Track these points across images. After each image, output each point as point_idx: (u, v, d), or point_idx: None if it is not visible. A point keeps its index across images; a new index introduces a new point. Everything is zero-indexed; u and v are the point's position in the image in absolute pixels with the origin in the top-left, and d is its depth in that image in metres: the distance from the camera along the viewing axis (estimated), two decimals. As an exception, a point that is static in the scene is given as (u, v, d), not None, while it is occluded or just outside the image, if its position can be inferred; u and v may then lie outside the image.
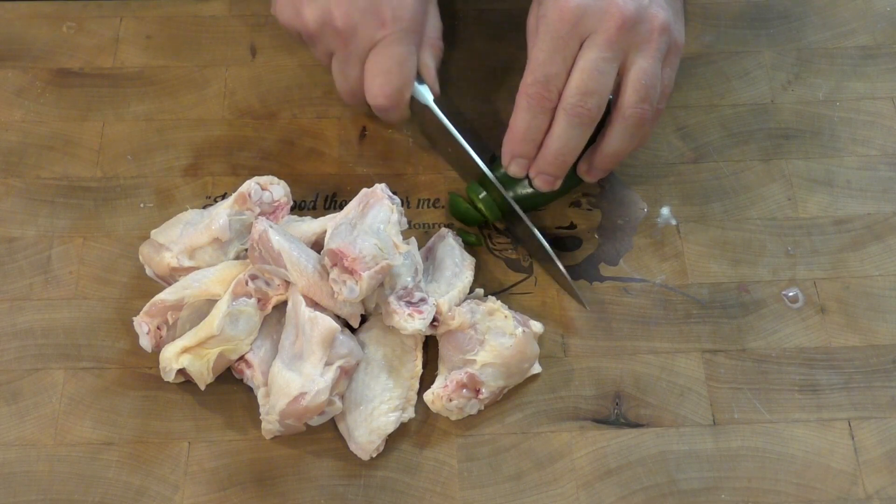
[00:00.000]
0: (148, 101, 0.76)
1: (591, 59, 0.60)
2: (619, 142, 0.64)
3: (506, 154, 0.65)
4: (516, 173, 0.66)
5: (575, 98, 0.61)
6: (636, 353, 0.66)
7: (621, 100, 0.62)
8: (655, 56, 0.61)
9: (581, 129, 0.62)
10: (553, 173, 0.65)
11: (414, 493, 0.61)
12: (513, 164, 0.65)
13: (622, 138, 0.63)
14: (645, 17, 0.60)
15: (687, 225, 0.71)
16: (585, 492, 0.61)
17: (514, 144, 0.64)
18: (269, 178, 0.66)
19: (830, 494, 0.61)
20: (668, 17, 0.62)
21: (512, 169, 0.66)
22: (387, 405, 0.61)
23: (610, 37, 0.60)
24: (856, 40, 0.80)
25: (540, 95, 0.62)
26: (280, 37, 0.79)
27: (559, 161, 0.64)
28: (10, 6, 0.80)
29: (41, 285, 0.68)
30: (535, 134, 0.63)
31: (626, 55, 0.61)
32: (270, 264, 0.61)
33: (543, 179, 0.65)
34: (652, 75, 0.61)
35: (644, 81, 0.61)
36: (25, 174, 0.72)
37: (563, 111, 0.61)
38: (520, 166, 0.65)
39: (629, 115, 0.62)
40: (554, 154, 0.63)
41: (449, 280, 0.65)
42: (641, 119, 0.62)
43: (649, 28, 0.61)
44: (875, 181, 0.73)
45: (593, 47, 0.60)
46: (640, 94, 0.61)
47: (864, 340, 0.66)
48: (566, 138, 0.62)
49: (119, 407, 0.63)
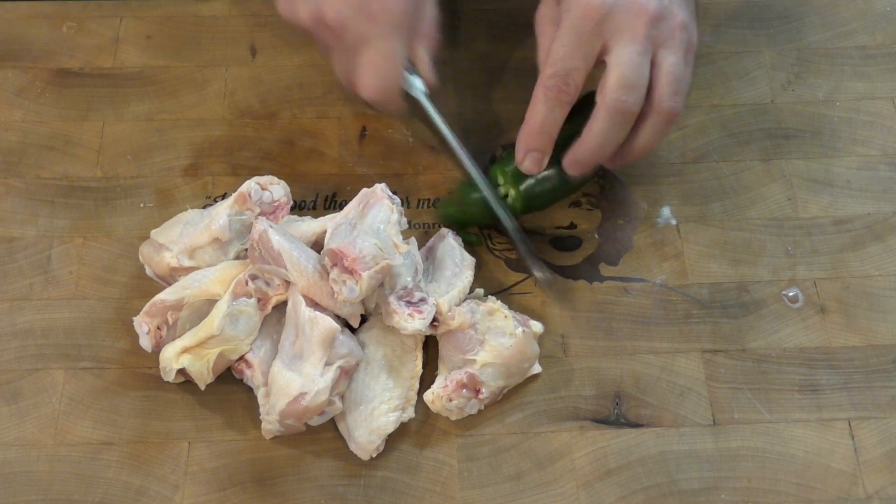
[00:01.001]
0: (148, 101, 0.76)
1: (626, 54, 0.61)
2: (654, 135, 0.64)
3: (520, 148, 0.65)
4: (530, 168, 0.65)
5: (617, 93, 0.61)
6: (636, 353, 0.66)
7: (656, 94, 0.62)
8: (680, 51, 0.62)
9: (623, 124, 0.62)
10: (589, 167, 0.65)
11: (414, 493, 0.61)
12: (527, 159, 0.65)
13: (656, 132, 0.64)
14: (667, 15, 0.62)
15: (687, 225, 0.71)
16: (585, 492, 0.61)
17: (529, 138, 0.64)
18: (269, 178, 0.66)
19: (830, 494, 0.61)
20: (686, 16, 0.63)
21: (526, 164, 0.65)
22: (387, 405, 0.61)
23: (640, 33, 0.60)
24: (856, 40, 0.80)
25: (558, 89, 0.62)
26: (280, 37, 0.79)
27: (597, 155, 0.64)
28: (10, 6, 0.80)
29: (41, 285, 0.68)
30: (552, 127, 0.63)
31: (655, 51, 0.62)
32: (270, 264, 0.61)
33: (577, 168, 0.65)
34: (681, 69, 0.62)
35: (676, 75, 0.62)
36: (25, 174, 0.72)
37: (605, 107, 0.61)
38: (534, 161, 0.65)
39: (664, 108, 0.62)
40: (593, 148, 0.63)
41: (449, 280, 0.65)
42: (675, 112, 0.63)
43: (671, 25, 0.62)
44: (875, 181, 0.73)
45: (626, 43, 0.61)
46: (674, 87, 0.62)
47: (864, 340, 0.66)
48: (607, 133, 0.62)
49: (119, 407, 0.63)
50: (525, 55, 0.78)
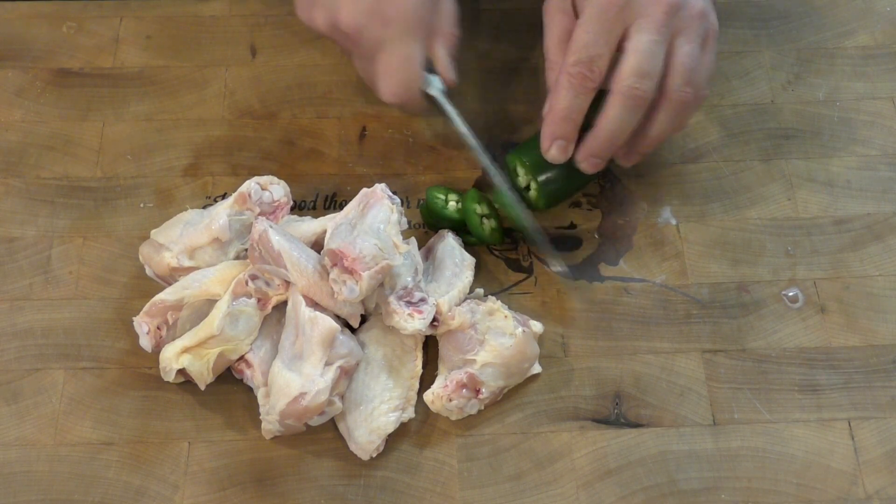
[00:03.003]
0: (148, 101, 0.76)
1: (643, 41, 0.61)
2: (665, 125, 0.64)
3: (546, 136, 0.65)
4: (556, 157, 0.65)
5: (631, 80, 0.61)
6: (636, 353, 0.66)
7: (667, 83, 0.62)
8: (696, 41, 0.63)
9: (636, 111, 0.62)
10: (603, 156, 0.65)
11: (414, 493, 0.61)
12: (553, 147, 0.65)
13: (668, 121, 0.64)
14: (686, 4, 0.62)
15: (687, 225, 0.71)
16: (585, 492, 0.61)
17: (555, 125, 0.64)
18: (269, 178, 0.67)
19: (830, 494, 0.61)
20: (705, 4, 0.63)
21: (552, 152, 0.65)
22: (387, 405, 0.61)
23: (658, 21, 0.61)
24: (856, 40, 0.80)
25: (583, 75, 0.62)
26: (280, 37, 0.79)
27: (611, 144, 0.64)
28: (10, 6, 0.80)
29: (41, 285, 0.68)
30: (576, 114, 0.63)
31: (672, 40, 0.62)
32: (270, 264, 0.61)
33: (592, 163, 0.65)
34: (694, 59, 0.63)
35: (688, 65, 0.62)
36: (25, 174, 0.72)
37: (619, 94, 0.62)
38: (560, 149, 0.65)
39: (675, 97, 0.63)
40: (607, 137, 0.63)
41: (449, 280, 0.65)
42: (686, 102, 0.63)
43: (690, 14, 0.62)
44: (875, 181, 0.73)
45: (643, 31, 0.61)
46: (685, 77, 0.62)
47: (864, 340, 0.66)
48: (620, 121, 0.63)
49: (119, 407, 0.63)
50: (526, 55, 0.78)
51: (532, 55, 0.78)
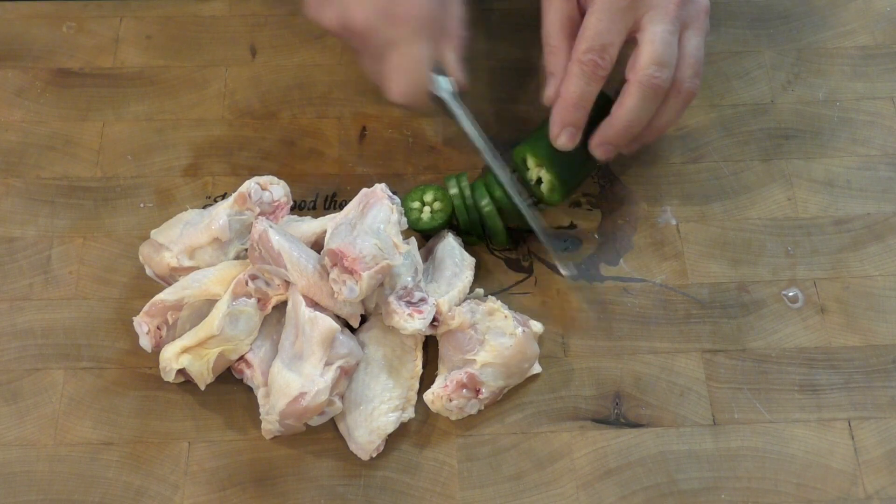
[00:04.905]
0: (148, 101, 0.76)
1: (659, 31, 0.62)
2: (672, 115, 0.65)
3: (556, 123, 0.65)
4: (565, 144, 0.65)
5: (651, 69, 0.62)
6: (636, 353, 0.66)
7: (678, 74, 0.63)
8: (702, 34, 0.64)
9: (654, 100, 0.63)
10: (619, 144, 0.65)
11: (414, 493, 0.61)
12: (563, 134, 0.65)
13: (675, 111, 0.65)
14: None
15: (687, 225, 0.71)
16: (585, 492, 0.61)
17: (565, 112, 0.64)
18: (269, 178, 0.67)
19: (830, 494, 0.61)
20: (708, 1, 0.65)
21: (562, 139, 0.65)
22: (387, 405, 0.61)
23: (671, 12, 0.62)
24: (856, 40, 0.80)
25: (594, 63, 0.62)
26: (280, 37, 0.79)
27: (628, 132, 0.64)
28: (10, 6, 0.80)
29: (41, 285, 0.68)
30: (587, 102, 0.64)
31: (681, 31, 0.63)
32: (270, 264, 0.61)
33: (606, 150, 0.66)
34: (702, 52, 0.64)
35: (697, 57, 0.64)
36: (25, 174, 0.72)
37: (638, 83, 0.62)
38: (570, 136, 0.65)
39: (685, 88, 0.64)
40: (625, 125, 0.64)
41: (449, 280, 0.65)
42: (693, 94, 0.64)
43: (697, 8, 0.64)
44: (875, 181, 0.73)
45: (657, 21, 0.62)
46: (695, 68, 0.64)
47: (864, 340, 0.66)
48: (639, 110, 0.63)
49: (119, 407, 0.63)
50: (526, 54, 0.78)
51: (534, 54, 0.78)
